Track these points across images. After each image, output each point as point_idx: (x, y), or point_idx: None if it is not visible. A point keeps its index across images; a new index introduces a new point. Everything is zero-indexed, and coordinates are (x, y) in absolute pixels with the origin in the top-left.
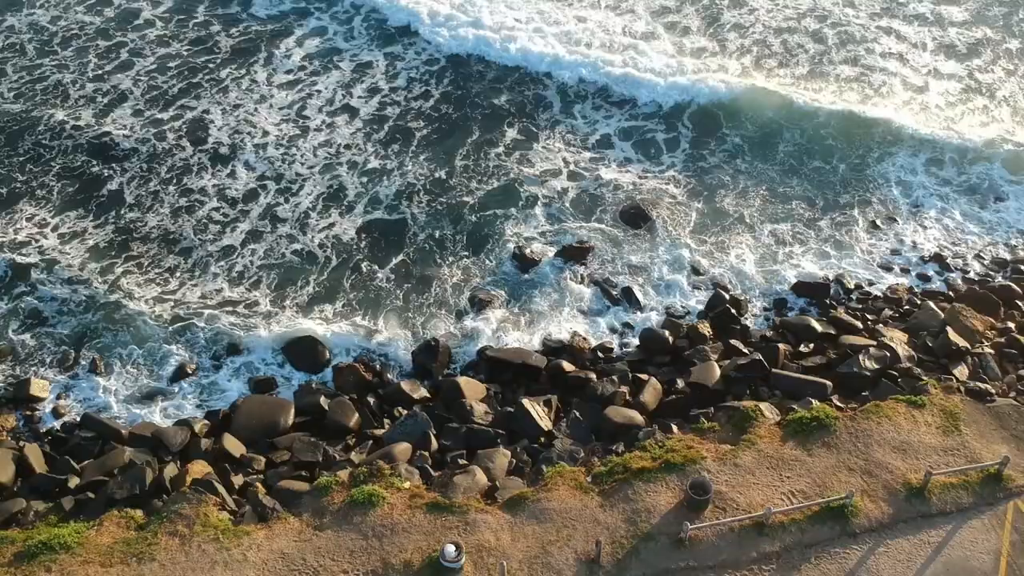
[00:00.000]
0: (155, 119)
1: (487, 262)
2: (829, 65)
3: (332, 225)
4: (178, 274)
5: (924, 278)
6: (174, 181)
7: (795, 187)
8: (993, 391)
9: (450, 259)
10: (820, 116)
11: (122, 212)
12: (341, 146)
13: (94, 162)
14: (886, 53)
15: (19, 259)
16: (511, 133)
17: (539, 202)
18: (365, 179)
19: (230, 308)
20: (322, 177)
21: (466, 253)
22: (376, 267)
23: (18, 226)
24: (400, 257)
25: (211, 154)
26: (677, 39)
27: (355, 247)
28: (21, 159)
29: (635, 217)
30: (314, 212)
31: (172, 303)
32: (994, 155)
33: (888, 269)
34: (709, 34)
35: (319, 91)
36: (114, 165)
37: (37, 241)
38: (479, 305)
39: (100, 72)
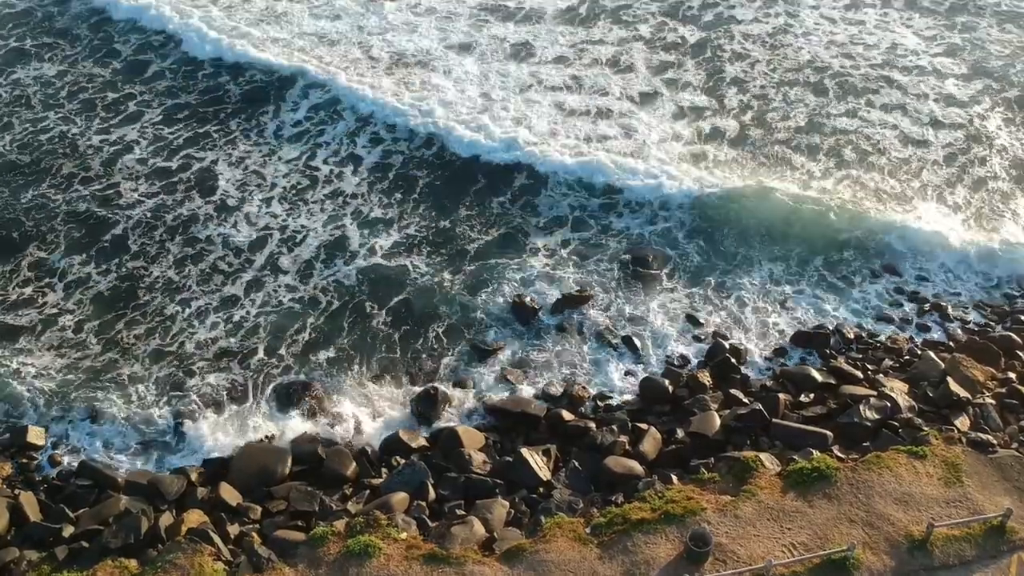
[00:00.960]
0: (161, 168)
1: (487, 311)
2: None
3: (334, 273)
4: (179, 322)
5: (924, 328)
6: (180, 230)
7: (792, 239)
8: (995, 442)
9: (450, 307)
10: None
11: (126, 261)
12: (347, 195)
13: (100, 211)
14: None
15: (22, 309)
16: (517, 181)
17: (540, 251)
18: (367, 230)
19: (229, 356)
20: (325, 228)
21: (466, 301)
22: (376, 314)
23: (23, 274)
24: (400, 305)
25: (217, 204)
26: (677, 107)
27: (355, 294)
28: (26, 208)
29: (636, 266)
30: (317, 261)
31: (172, 352)
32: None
33: (888, 320)
34: (708, 91)
35: (326, 141)
36: (119, 214)
37: (41, 287)
38: (479, 353)
39: (107, 124)
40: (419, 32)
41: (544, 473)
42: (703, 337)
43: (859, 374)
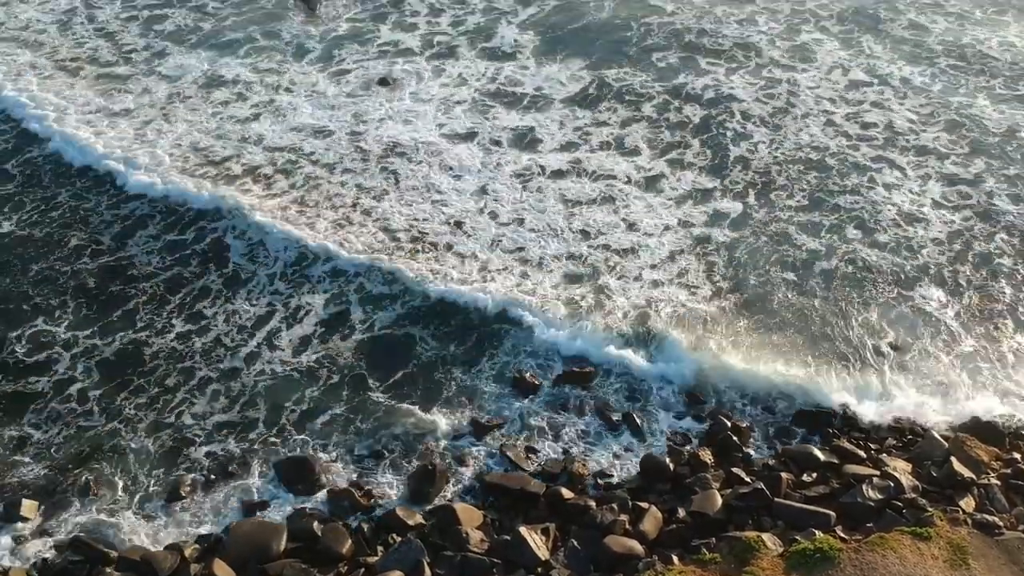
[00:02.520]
0: (174, 241)
1: (487, 386)
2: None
3: (334, 345)
4: (180, 394)
5: (925, 406)
6: (188, 305)
7: (797, 319)
8: (1001, 524)
9: (449, 381)
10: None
11: (131, 333)
12: (350, 274)
13: (109, 284)
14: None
15: (27, 379)
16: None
17: (541, 325)
18: (371, 306)
19: (227, 430)
20: (325, 307)
21: (465, 376)
22: (374, 387)
23: (28, 345)
24: (399, 378)
25: (227, 278)
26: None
27: (355, 367)
28: (36, 280)
29: (636, 341)
30: (315, 337)
31: (171, 424)
32: None
33: (887, 398)
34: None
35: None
36: (129, 287)
37: (44, 359)
38: (478, 429)
39: (117, 199)
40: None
41: (543, 552)
42: (704, 415)
43: (862, 453)
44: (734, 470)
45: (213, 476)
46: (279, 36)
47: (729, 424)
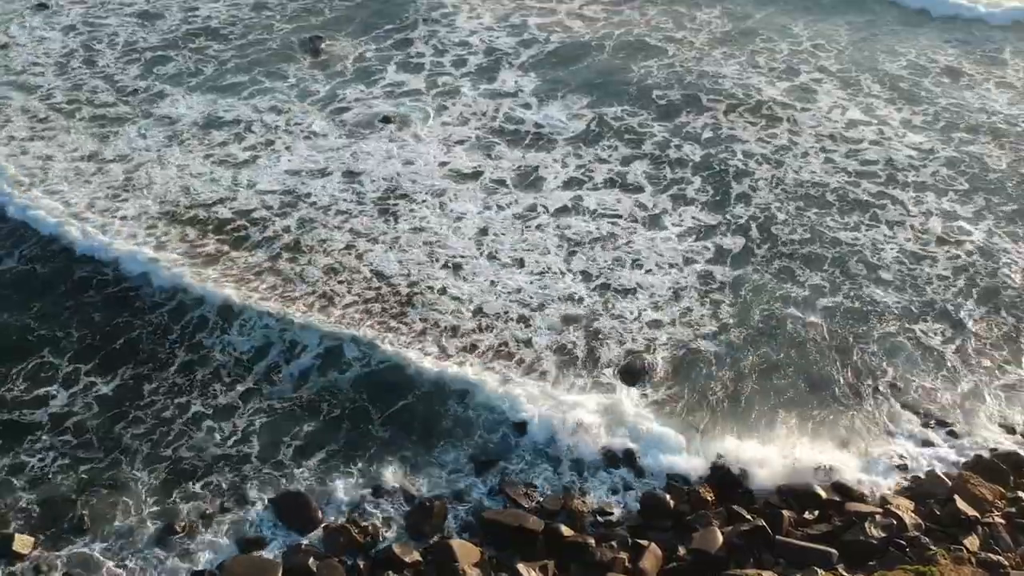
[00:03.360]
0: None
1: (486, 422)
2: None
3: (332, 380)
4: (176, 427)
5: (929, 444)
6: (189, 336)
7: (794, 361)
8: (1006, 563)
9: (449, 418)
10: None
11: (132, 366)
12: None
13: (114, 317)
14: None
15: (24, 412)
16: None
17: (542, 363)
18: (366, 346)
19: (223, 463)
20: (320, 342)
21: (466, 412)
22: (374, 421)
23: (28, 380)
24: (398, 411)
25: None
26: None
27: (354, 401)
28: (39, 313)
29: (635, 376)
30: (313, 371)
31: (168, 459)
32: None
33: (891, 434)
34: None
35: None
36: (135, 319)
37: (45, 392)
38: (478, 466)
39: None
40: None
41: None
42: (704, 453)
43: (864, 491)
44: (735, 507)
45: (209, 511)
46: (281, 77)
47: (730, 460)
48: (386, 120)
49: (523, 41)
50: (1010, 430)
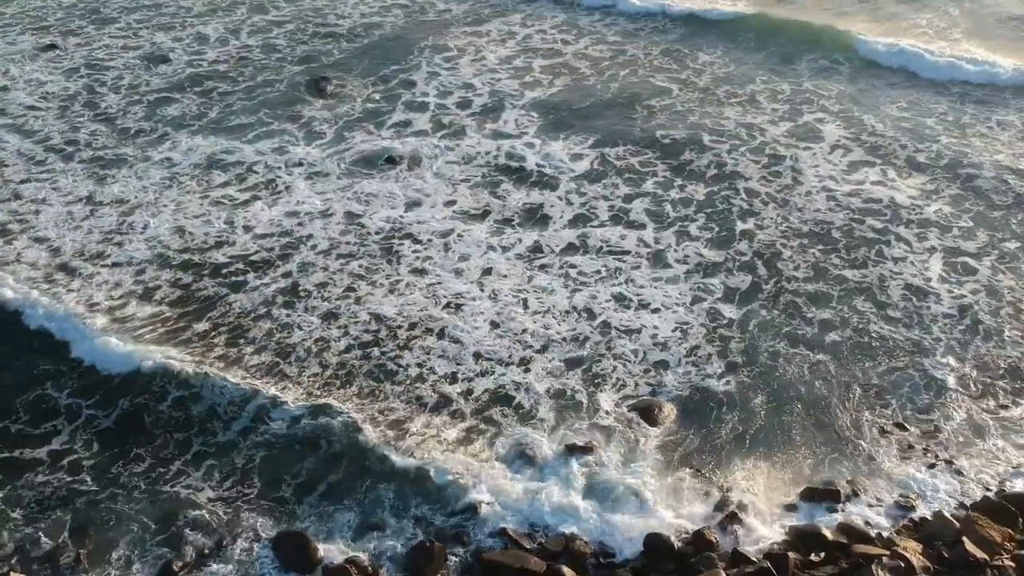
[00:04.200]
0: (183, 316)
1: (491, 459)
2: None
3: (328, 420)
4: (175, 466)
5: (935, 485)
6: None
7: (800, 397)
8: None
9: (452, 456)
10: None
11: (130, 399)
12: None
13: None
14: None
15: (25, 450)
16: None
17: (544, 397)
18: (375, 374)
19: (220, 503)
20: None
21: (469, 450)
22: (375, 458)
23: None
24: (400, 450)
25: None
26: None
27: (353, 436)
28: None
29: (643, 415)
30: (306, 415)
31: (166, 497)
32: None
33: (897, 474)
34: None
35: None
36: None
37: (45, 431)
38: (480, 505)
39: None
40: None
41: None
42: (709, 492)
43: (871, 532)
44: (740, 549)
45: (207, 551)
46: (287, 119)
47: (735, 502)
48: (391, 160)
49: (527, 83)
50: (1017, 470)
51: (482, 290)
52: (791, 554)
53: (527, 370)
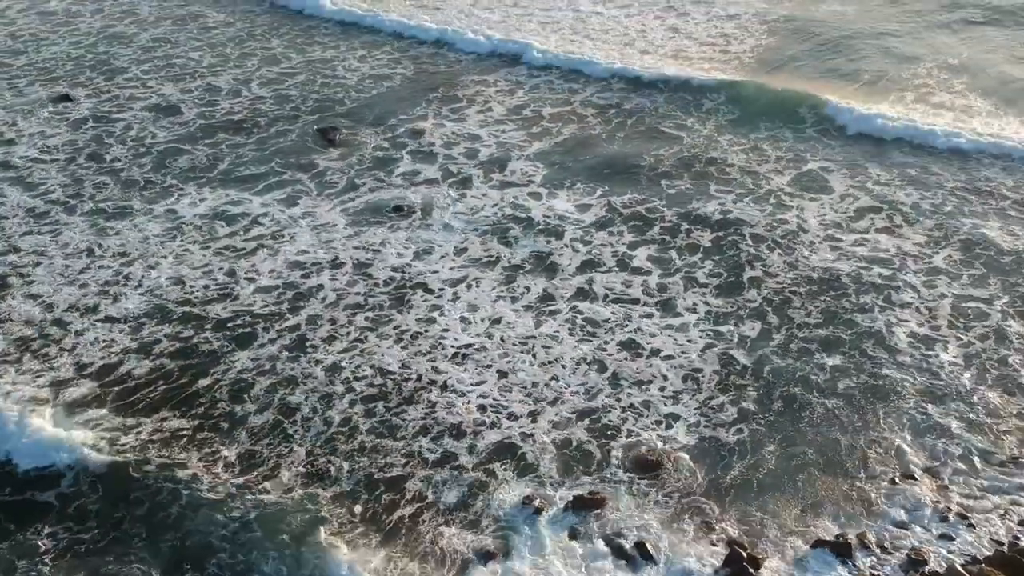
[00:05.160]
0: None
1: (494, 511)
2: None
3: (324, 489)
4: (174, 510)
5: (947, 538)
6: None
7: (811, 446)
8: None
9: (453, 507)
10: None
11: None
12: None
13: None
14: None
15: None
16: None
17: (550, 448)
18: (378, 430)
19: (224, 551)
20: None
21: (472, 501)
22: (373, 508)
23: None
24: (400, 501)
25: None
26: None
27: (351, 487)
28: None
29: (646, 466)
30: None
31: (169, 544)
32: None
33: (907, 527)
34: None
35: None
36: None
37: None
38: (484, 557)
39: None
40: None
41: None
42: (717, 542)
43: None
44: None
45: None
46: (297, 168)
47: (745, 554)
48: (399, 209)
49: (534, 133)
50: None
51: (490, 338)
52: None
53: (535, 422)
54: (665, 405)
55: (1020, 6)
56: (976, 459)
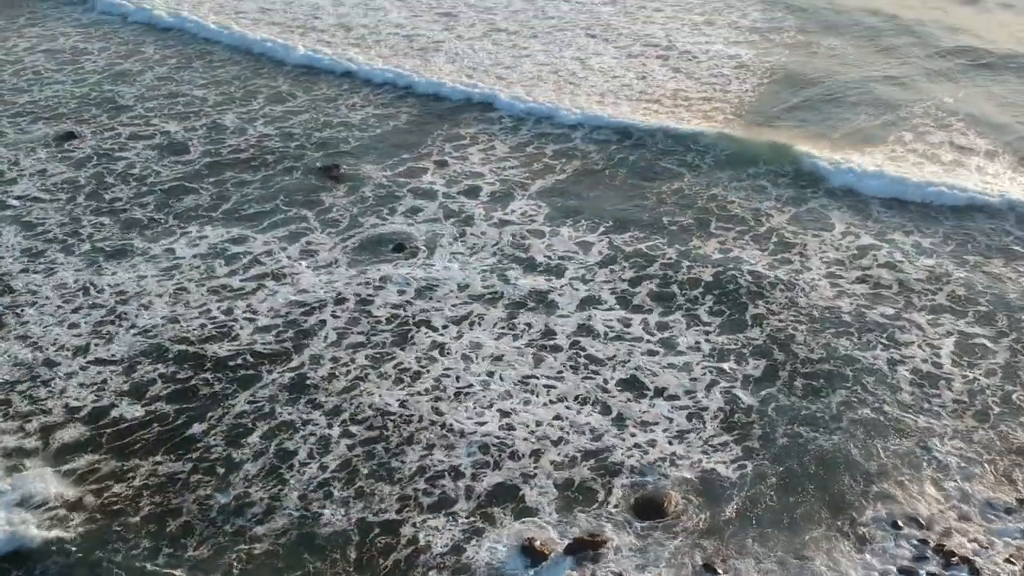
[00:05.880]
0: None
1: (491, 557)
2: None
3: (317, 533)
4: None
5: None
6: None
7: (813, 486)
8: None
9: (449, 552)
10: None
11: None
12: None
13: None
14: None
15: None
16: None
17: (551, 489)
18: (378, 465)
19: None
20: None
21: (469, 546)
22: (368, 553)
23: None
24: (395, 545)
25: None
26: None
27: (345, 532)
28: None
29: (648, 507)
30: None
31: None
32: None
33: (911, 573)
34: None
35: None
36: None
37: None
38: None
39: None
40: None
41: None
42: None
43: None
44: None
45: None
46: (300, 205)
47: None
48: (401, 247)
49: (535, 171)
50: None
51: (491, 376)
52: None
53: (536, 462)
54: (669, 444)
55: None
56: (981, 502)
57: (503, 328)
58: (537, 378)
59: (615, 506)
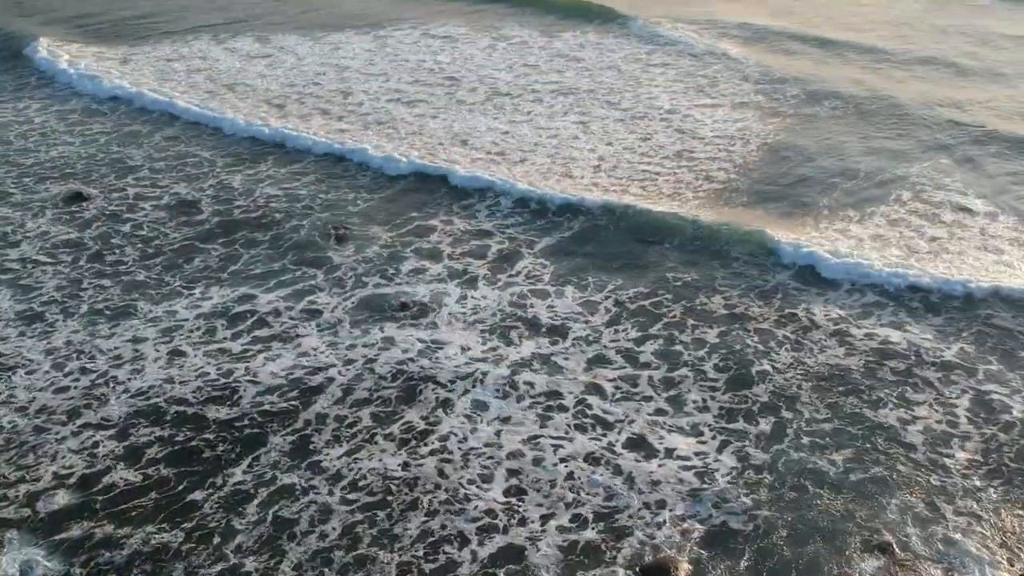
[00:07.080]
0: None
1: None
2: None
3: (320, 539)
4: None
5: None
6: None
7: (826, 531)
8: None
9: None
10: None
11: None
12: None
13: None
14: None
15: None
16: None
17: (553, 554)
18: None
19: None
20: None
21: None
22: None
23: None
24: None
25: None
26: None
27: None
28: None
29: (655, 572)
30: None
31: None
32: None
33: None
34: None
35: None
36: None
37: None
38: None
39: None
40: None
41: None
42: None
43: None
44: None
45: None
46: (306, 265)
47: None
48: (405, 307)
49: (541, 227)
50: None
51: (498, 437)
52: None
53: (543, 525)
54: (679, 503)
55: None
56: (987, 566)
57: (508, 390)
58: (543, 437)
59: (622, 565)
